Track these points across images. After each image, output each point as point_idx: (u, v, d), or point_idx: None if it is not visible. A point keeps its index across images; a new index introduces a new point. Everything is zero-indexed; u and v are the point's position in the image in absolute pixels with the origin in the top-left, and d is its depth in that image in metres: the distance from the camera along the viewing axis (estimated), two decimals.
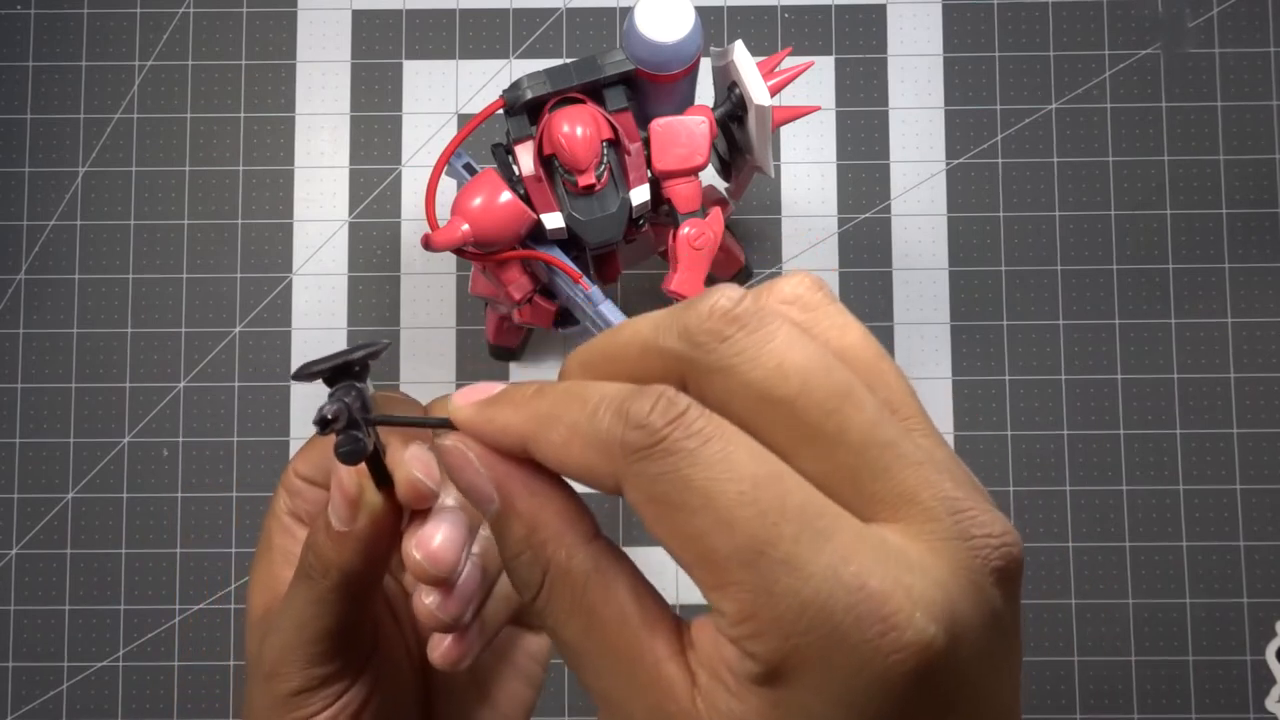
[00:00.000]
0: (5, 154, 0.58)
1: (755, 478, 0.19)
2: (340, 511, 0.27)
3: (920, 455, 0.20)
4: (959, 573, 0.19)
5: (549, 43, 0.59)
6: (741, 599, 0.19)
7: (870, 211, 0.58)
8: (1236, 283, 0.57)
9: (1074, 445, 0.56)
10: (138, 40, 0.59)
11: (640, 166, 0.44)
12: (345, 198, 0.58)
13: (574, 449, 0.21)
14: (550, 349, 0.57)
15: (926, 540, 0.20)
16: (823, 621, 0.18)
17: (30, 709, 0.56)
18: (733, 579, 0.19)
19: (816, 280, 0.23)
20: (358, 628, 0.29)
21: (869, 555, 0.19)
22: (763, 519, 0.19)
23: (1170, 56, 0.58)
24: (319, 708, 0.28)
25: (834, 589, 0.18)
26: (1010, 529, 0.20)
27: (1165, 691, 0.55)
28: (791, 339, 0.20)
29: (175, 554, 0.56)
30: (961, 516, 0.20)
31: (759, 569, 0.19)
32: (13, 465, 0.57)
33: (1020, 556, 0.20)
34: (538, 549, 0.22)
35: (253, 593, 0.31)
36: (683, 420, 0.20)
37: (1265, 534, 0.56)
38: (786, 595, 0.19)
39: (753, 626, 0.19)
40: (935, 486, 0.20)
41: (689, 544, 0.19)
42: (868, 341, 0.22)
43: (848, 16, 0.59)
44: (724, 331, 0.20)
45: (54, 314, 0.57)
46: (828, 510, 0.19)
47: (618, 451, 0.20)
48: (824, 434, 0.20)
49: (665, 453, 0.20)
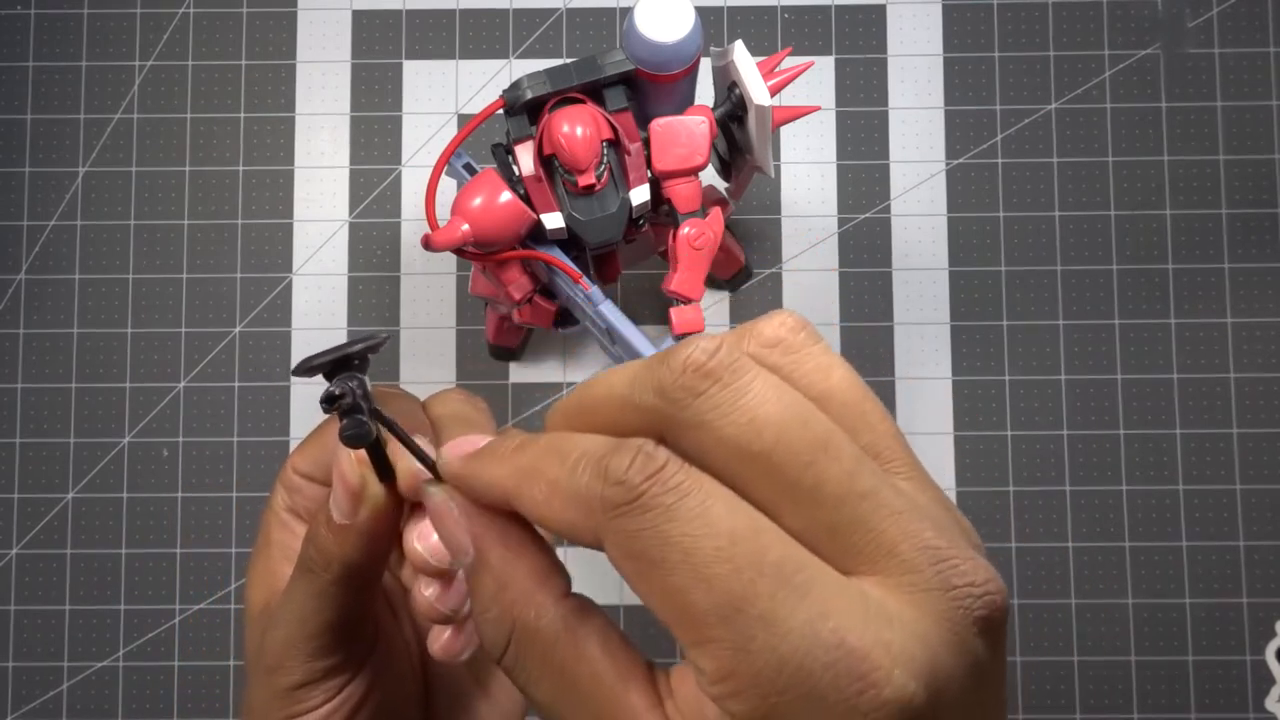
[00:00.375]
0: (5, 154, 0.58)
1: (733, 533, 0.19)
2: (342, 504, 0.27)
3: (901, 503, 0.20)
4: (941, 625, 0.19)
5: (549, 43, 0.59)
6: (720, 656, 0.19)
7: (870, 211, 0.58)
8: (1236, 283, 0.57)
9: (1074, 445, 0.56)
10: (138, 40, 0.59)
11: (640, 166, 0.44)
12: (345, 198, 0.58)
13: (555, 505, 0.21)
14: (550, 349, 0.57)
15: (907, 592, 0.19)
16: (801, 680, 0.18)
17: (30, 709, 0.56)
18: (711, 636, 0.19)
19: (799, 320, 0.22)
20: (358, 621, 0.29)
21: (848, 610, 0.19)
22: (740, 575, 0.19)
23: (1170, 56, 0.58)
24: (320, 701, 0.29)
25: (811, 646, 0.18)
26: (994, 576, 0.20)
27: (1165, 691, 0.55)
28: (766, 391, 0.20)
29: (175, 554, 0.56)
30: (943, 566, 0.20)
31: (736, 626, 0.19)
32: (13, 465, 0.57)
33: (1004, 605, 0.20)
34: (506, 606, 0.22)
35: (251, 588, 0.31)
36: (660, 475, 0.20)
37: (1265, 534, 0.56)
38: (764, 652, 0.18)
39: (731, 685, 0.19)
40: (916, 536, 0.20)
41: (667, 600, 0.19)
42: (852, 383, 0.22)
43: (848, 16, 0.59)
44: (697, 387, 0.20)
45: (54, 314, 0.57)
46: (806, 564, 0.19)
47: (597, 507, 0.20)
48: (801, 487, 0.20)
49: (643, 509, 0.19)
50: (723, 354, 0.20)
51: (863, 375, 0.23)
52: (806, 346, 0.22)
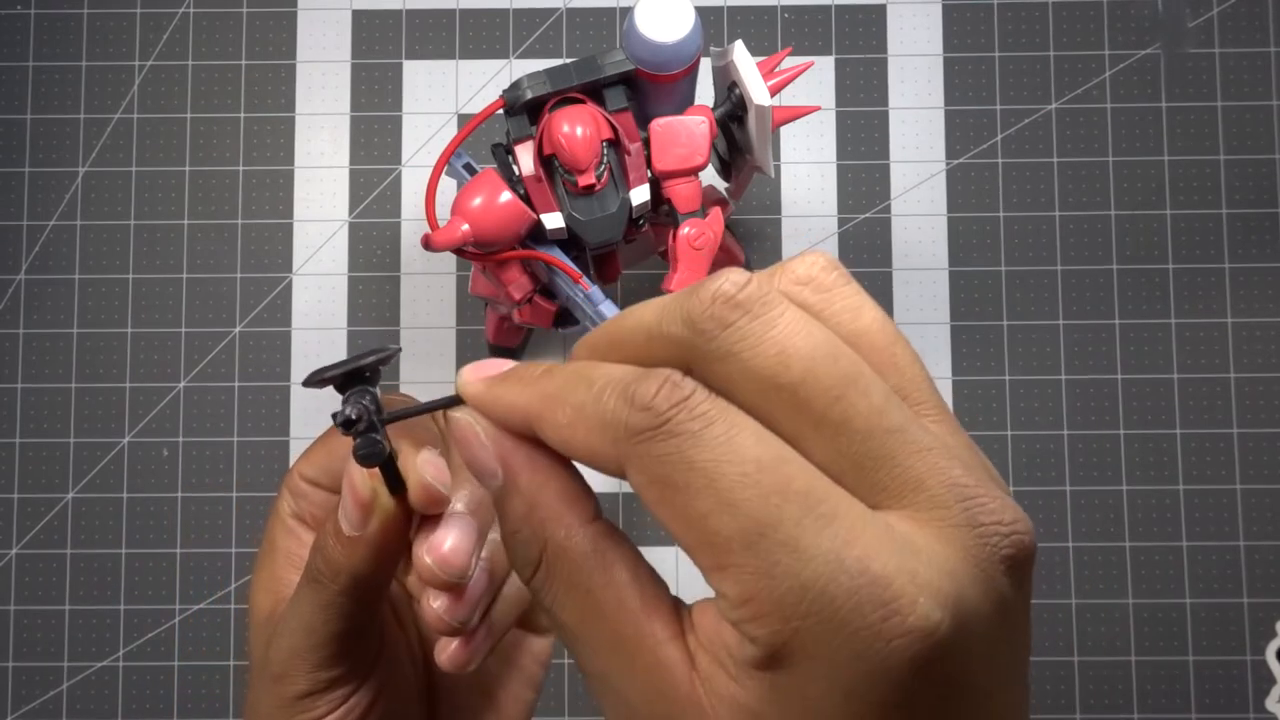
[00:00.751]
0: (5, 154, 0.58)
1: (759, 460, 0.19)
2: (352, 516, 0.27)
3: (929, 441, 0.20)
4: (967, 560, 0.19)
5: (549, 43, 0.59)
6: (743, 581, 0.19)
7: (870, 211, 0.58)
8: (1236, 283, 0.57)
9: (1074, 445, 0.56)
10: (138, 40, 0.59)
11: (640, 166, 0.44)
12: (345, 198, 0.58)
13: (579, 430, 0.21)
14: (550, 349, 0.57)
15: (934, 527, 0.19)
16: (824, 605, 0.18)
17: (30, 709, 0.56)
18: (734, 561, 0.19)
19: (831, 260, 0.22)
20: (365, 631, 0.29)
21: (873, 540, 0.19)
22: (765, 501, 0.19)
23: (1170, 56, 0.58)
24: (325, 710, 0.28)
25: (836, 572, 0.18)
26: (1022, 516, 0.20)
27: (1165, 691, 0.55)
28: (795, 324, 0.20)
29: (175, 554, 0.56)
30: (970, 504, 0.20)
31: (760, 551, 0.19)
32: (13, 465, 0.57)
33: (1032, 545, 0.20)
34: (536, 526, 0.22)
35: (256, 594, 0.31)
36: (687, 403, 0.20)
37: (1265, 534, 0.56)
38: (787, 577, 0.18)
39: (753, 609, 0.19)
40: (943, 473, 0.20)
41: (691, 526, 0.19)
42: (883, 324, 0.22)
43: (848, 16, 0.59)
44: (726, 317, 0.20)
45: (54, 314, 0.57)
46: (831, 494, 0.19)
47: (621, 433, 0.20)
48: (829, 421, 0.20)
49: (669, 434, 0.19)
50: (753, 287, 0.20)
51: None
52: (838, 286, 0.22)
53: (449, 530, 0.27)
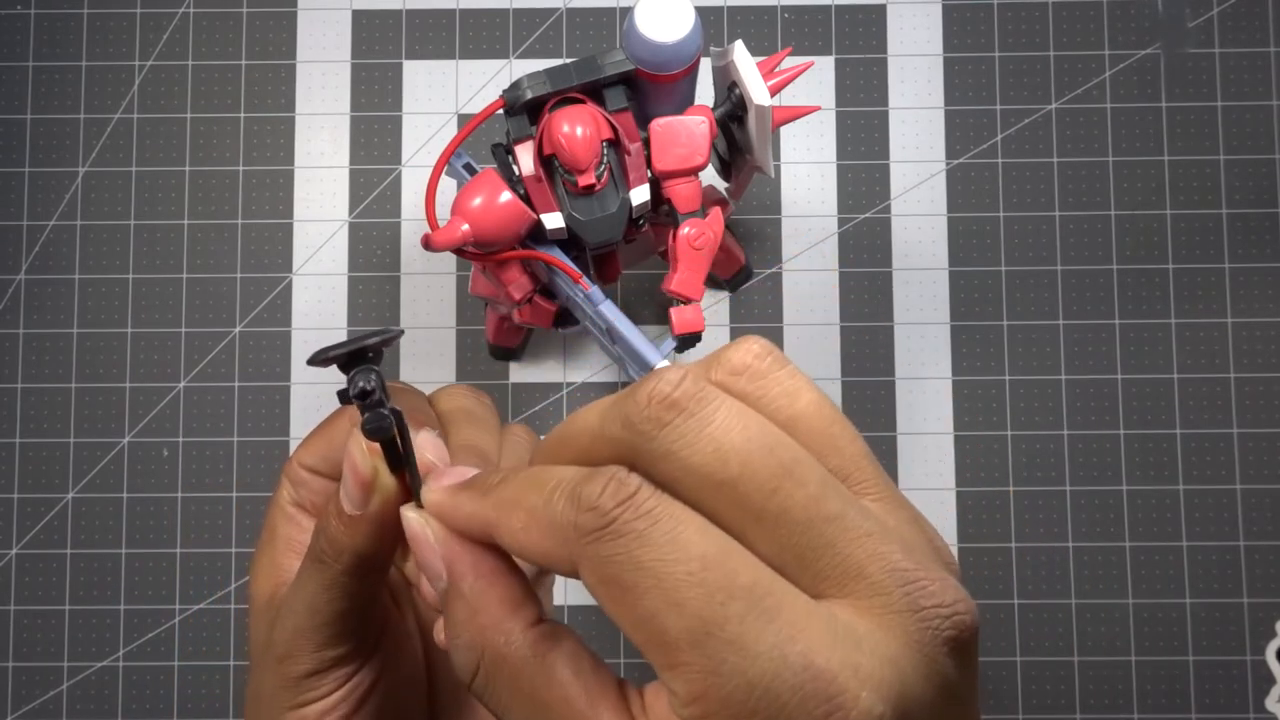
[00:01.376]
0: (5, 154, 0.58)
1: (704, 557, 0.19)
2: (353, 495, 0.27)
3: (869, 526, 0.20)
4: (909, 646, 0.19)
5: (549, 43, 0.59)
6: (691, 680, 0.19)
7: (870, 211, 0.58)
8: (1236, 283, 0.57)
9: (1074, 445, 0.56)
10: (138, 40, 0.59)
11: (640, 166, 0.44)
12: (345, 198, 0.58)
13: (532, 535, 0.21)
14: (550, 349, 0.57)
15: (876, 615, 0.20)
16: (770, 703, 0.18)
17: (30, 709, 0.56)
18: (682, 659, 0.19)
19: (765, 346, 0.23)
20: (367, 610, 0.29)
21: (816, 633, 0.19)
22: (710, 599, 0.19)
23: (1170, 56, 0.58)
24: (330, 689, 0.29)
25: (780, 669, 0.19)
26: (963, 596, 0.20)
27: (1165, 691, 0.55)
28: (730, 420, 0.20)
29: (175, 554, 0.56)
30: (911, 588, 0.20)
31: (707, 649, 0.19)
32: (13, 465, 0.57)
33: (974, 624, 0.20)
34: (476, 633, 0.23)
35: (257, 580, 0.31)
36: (632, 501, 0.20)
37: (1265, 534, 0.56)
38: (734, 676, 0.19)
39: (702, 708, 0.19)
40: (883, 559, 0.20)
41: (640, 625, 0.20)
42: (819, 406, 0.22)
43: (848, 16, 0.59)
44: (663, 418, 0.20)
45: (54, 314, 0.57)
46: (775, 587, 0.19)
47: (571, 534, 0.20)
48: (768, 513, 0.20)
49: (615, 534, 0.20)
50: (687, 384, 0.21)
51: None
52: (773, 372, 0.22)
53: None
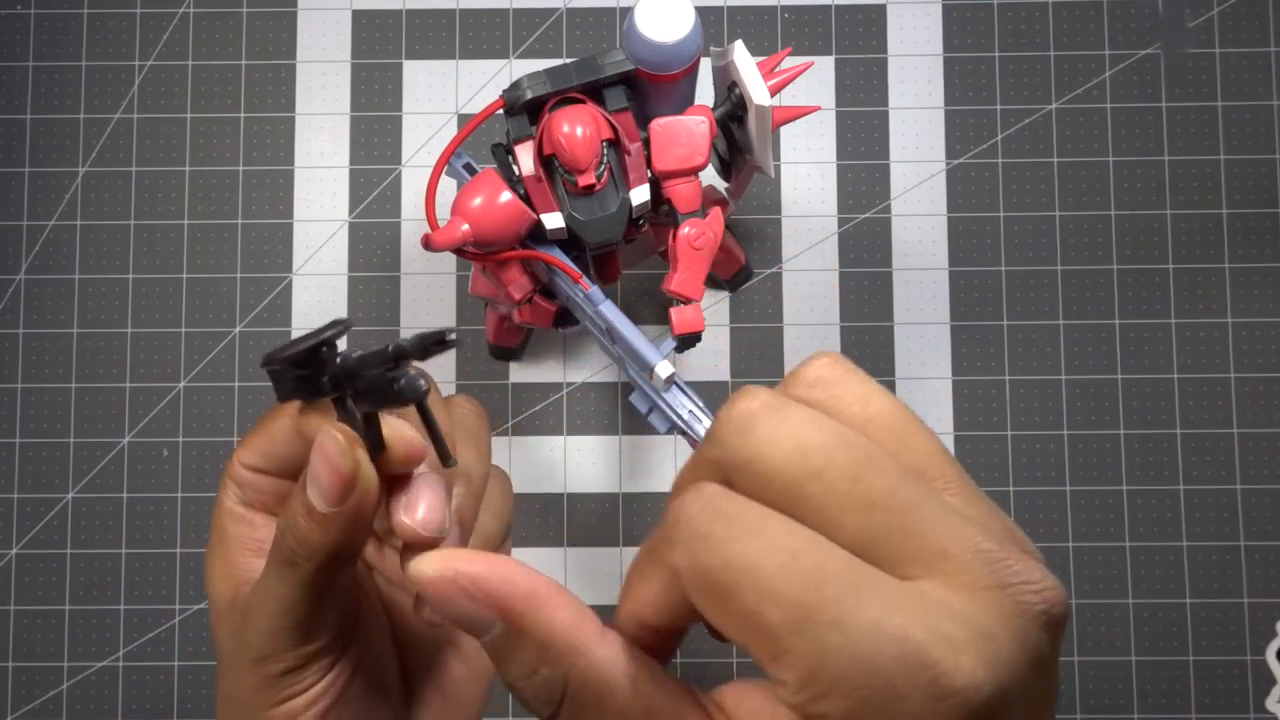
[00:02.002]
0: (5, 154, 0.58)
1: (793, 549, 0.20)
2: (328, 491, 0.26)
3: (949, 511, 0.21)
4: (1002, 620, 0.20)
5: (549, 43, 0.59)
6: (799, 665, 0.20)
7: (870, 211, 0.58)
8: (1236, 283, 0.57)
9: (1074, 445, 0.56)
10: (138, 40, 0.59)
11: (640, 166, 0.44)
12: (345, 198, 0.58)
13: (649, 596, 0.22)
14: (550, 349, 0.57)
15: (966, 591, 0.20)
16: (876, 674, 0.19)
17: (30, 709, 0.56)
18: (787, 648, 0.20)
19: (836, 357, 0.24)
20: (341, 601, 0.29)
21: (910, 609, 0.20)
22: (804, 586, 0.20)
23: (1170, 56, 0.58)
24: (312, 681, 0.29)
25: (881, 643, 0.19)
26: (1051, 576, 0.21)
27: (1165, 691, 0.55)
28: (807, 421, 0.22)
29: (175, 554, 0.56)
30: (998, 566, 0.21)
31: (809, 635, 0.20)
32: (13, 465, 0.57)
33: (1064, 603, 0.21)
34: (554, 664, 0.22)
35: (214, 584, 0.31)
36: (717, 507, 0.21)
37: (1265, 534, 0.56)
38: (839, 654, 0.19)
39: (814, 690, 0.20)
40: (966, 539, 0.21)
41: (742, 621, 0.20)
42: (892, 408, 0.23)
43: (848, 16, 0.59)
44: (746, 426, 0.22)
45: (54, 314, 0.57)
46: (865, 571, 0.20)
47: (669, 555, 0.21)
48: (851, 502, 0.21)
49: (705, 538, 0.21)
50: (766, 396, 0.22)
51: None
52: (845, 379, 0.24)
53: (422, 490, 0.27)
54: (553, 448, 0.57)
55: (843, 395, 0.23)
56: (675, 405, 0.43)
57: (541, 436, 0.57)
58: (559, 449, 0.57)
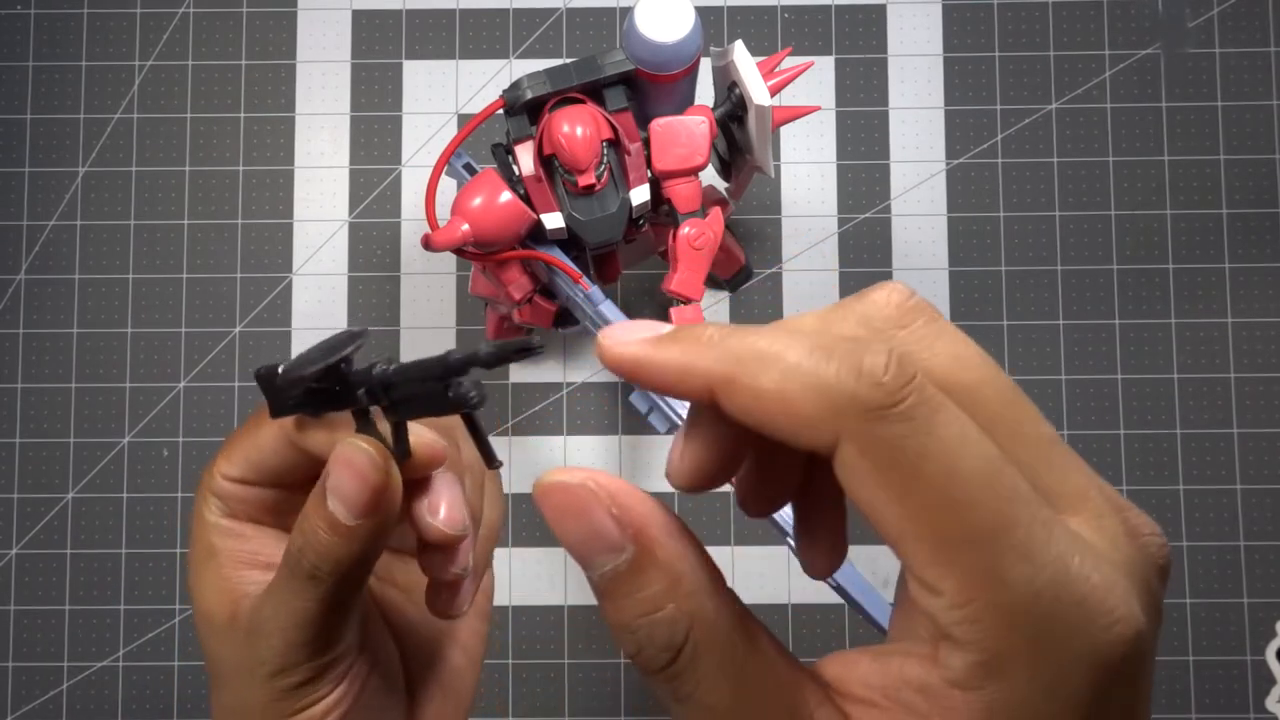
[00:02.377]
0: (5, 154, 0.58)
1: (989, 457, 0.18)
2: (358, 505, 0.26)
3: (1074, 454, 0.20)
4: (1139, 566, 0.19)
5: (549, 43, 0.59)
6: (967, 580, 0.18)
7: (870, 211, 0.58)
8: (1236, 283, 0.57)
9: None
10: (138, 40, 0.59)
11: (640, 166, 0.44)
12: (345, 198, 0.58)
13: (792, 395, 0.19)
14: (550, 349, 0.57)
15: (1108, 536, 0.19)
16: (1053, 613, 0.18)
17: (30, 709, 0.55)
18: (959, 558, 0.18)
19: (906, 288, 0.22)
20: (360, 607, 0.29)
21: (1087, 549, 0.19)
22: (999, 499, 0.18)
23: (1170, 56, 0.58)
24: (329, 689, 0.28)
25: (1067, 580, 0.18)
26: (1159, 528, 0.21)
27: (1165, 691, 0.55)
28: (959, 334, 0.20)
29: (175, 554, 0.56)
30: (1126, 514, 0.20)
31: (990, 552, 0.18)
32: (13, 465, 0.57)
33: (1170, 555, 0.21)
34: (682, 602, 0.20)
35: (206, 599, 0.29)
36: (915, 385, 0.18)
37: (1265, 534, 0.56)
38: (1020, 583, 0.18)
39: (973, 610, 0.18)
40: (1097, 485, 0.20)
41: (917, 516, 0.18)
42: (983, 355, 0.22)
43: (848, 16, 0.59)
44: (904, 320, 0.20)
45: (54, 314, 0.57)
46: (1043, 503, 0.19)
47: (846, 404, 0.18)
48: (1005, 423, 0.19)
49: (904, 416, 0.18)
50: (919, 297, 0.21)
51: None
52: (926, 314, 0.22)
53: (442, 490, 0.27)
54: (553, 448, 0.57)
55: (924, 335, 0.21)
56: (675, 405, 0.43)
57: (541, 436, 0.57)
58: (559, 449, 0.57)
